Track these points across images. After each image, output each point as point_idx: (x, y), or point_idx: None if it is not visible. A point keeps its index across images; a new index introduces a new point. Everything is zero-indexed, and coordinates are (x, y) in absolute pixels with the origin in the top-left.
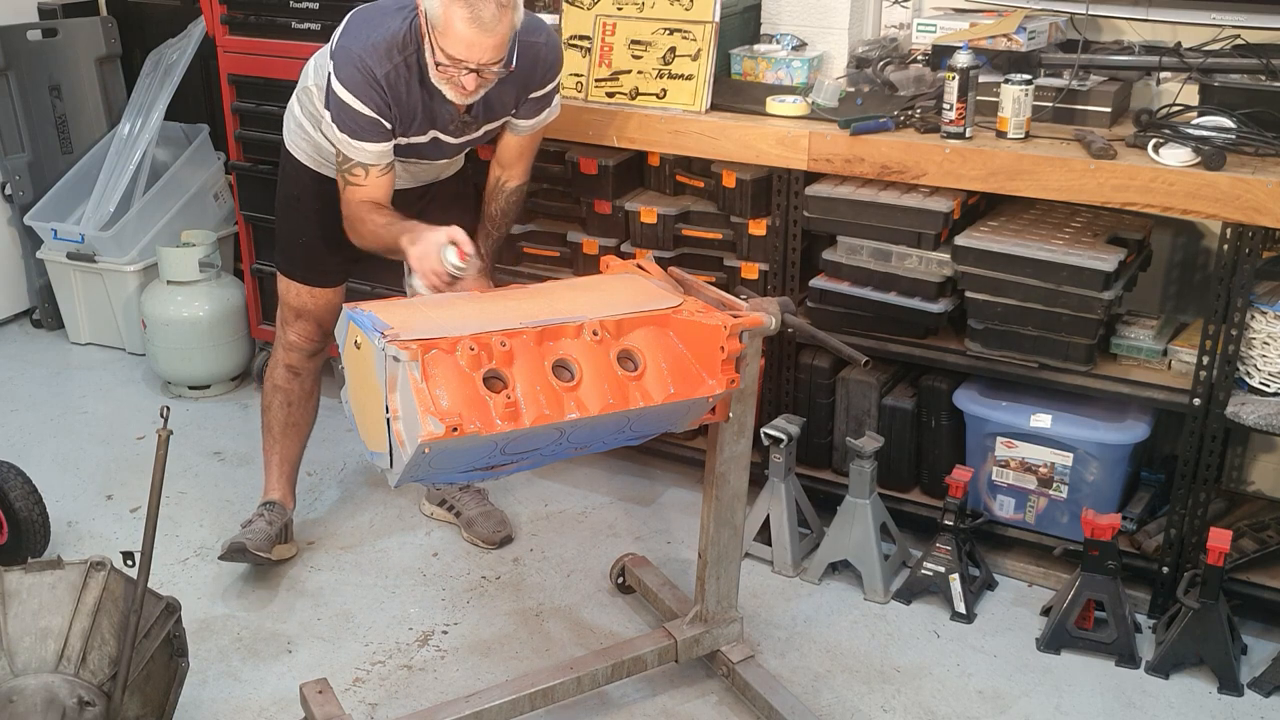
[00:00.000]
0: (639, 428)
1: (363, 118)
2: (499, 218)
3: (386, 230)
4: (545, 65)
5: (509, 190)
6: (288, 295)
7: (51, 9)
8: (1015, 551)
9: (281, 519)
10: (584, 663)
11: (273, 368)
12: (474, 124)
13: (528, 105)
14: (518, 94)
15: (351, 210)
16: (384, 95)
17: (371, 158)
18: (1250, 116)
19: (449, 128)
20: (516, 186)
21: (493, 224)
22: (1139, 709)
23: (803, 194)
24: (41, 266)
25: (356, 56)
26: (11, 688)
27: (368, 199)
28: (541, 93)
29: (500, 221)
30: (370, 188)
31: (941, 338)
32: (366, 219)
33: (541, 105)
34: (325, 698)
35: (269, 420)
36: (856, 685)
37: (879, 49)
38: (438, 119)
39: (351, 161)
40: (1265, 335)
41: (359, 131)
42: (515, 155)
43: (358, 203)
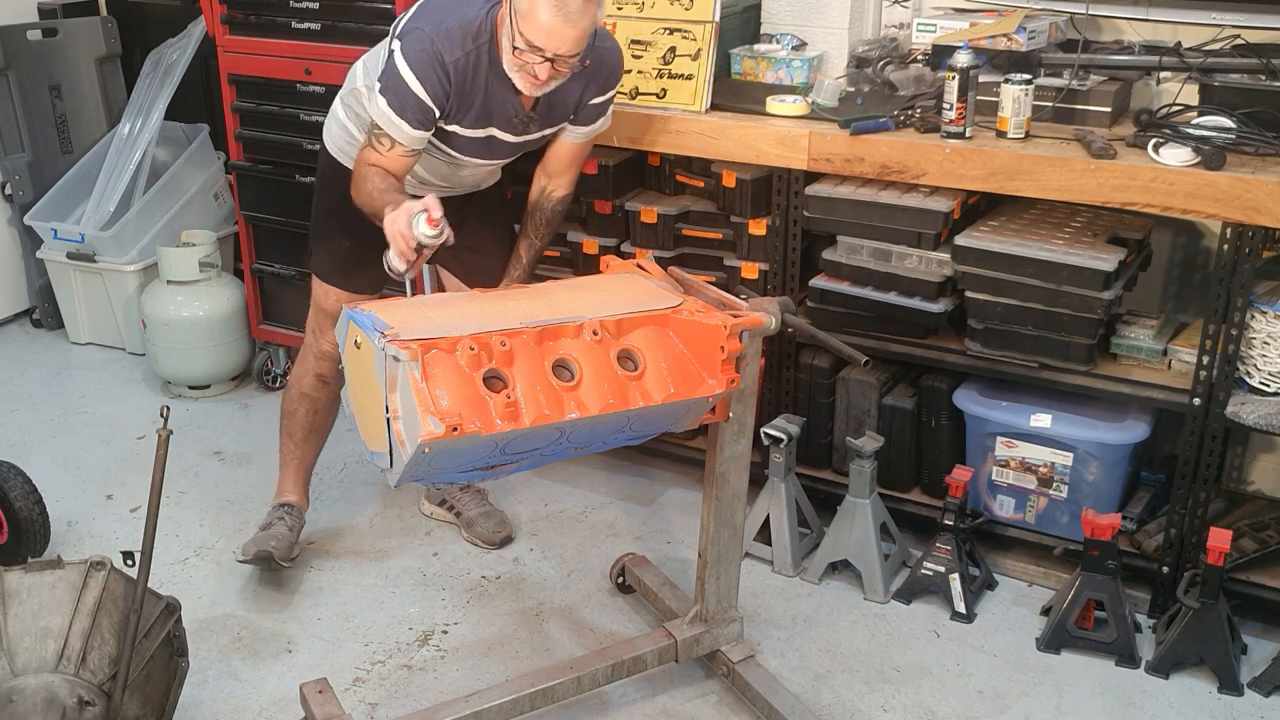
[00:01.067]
0: (639, 428)
1: (415, 99)
2: (543, 227)
3: (380, 196)
4: (608, 70)
5: (555, 200)
6: (325, 301)
7: (51, 9)
8: (1015, 551)
9: (299, 522)
10: (584, 663)
11: (301, 376)
12: (534, 124)
13: (586, 110)
14: (579, 97)
15: (362, 169)
16: (446, 83)
17: (404, 138)
18: (1250, 116)
19: (510, 125)
20: (563, 196)
21: (536, 233)
22: (1139, 709)
23: (803, 194)
24: (41, 266)
25: (429, 39)
26: (11, 687)
27: (379, 165)
28: (602, 99)
29: (544, 231)
30: (386, 160)
31: (941, 338)
32: (370, 179)
33: (599, 112)
34: (325, 698)
35: (291, 426)
36: (856, 685)
37: (879, 49)
38: (496, 115)
39: (383, 132)
40: (1265, 335)
41: (404, 110)
42: (565, 164)
43: (368, 164)
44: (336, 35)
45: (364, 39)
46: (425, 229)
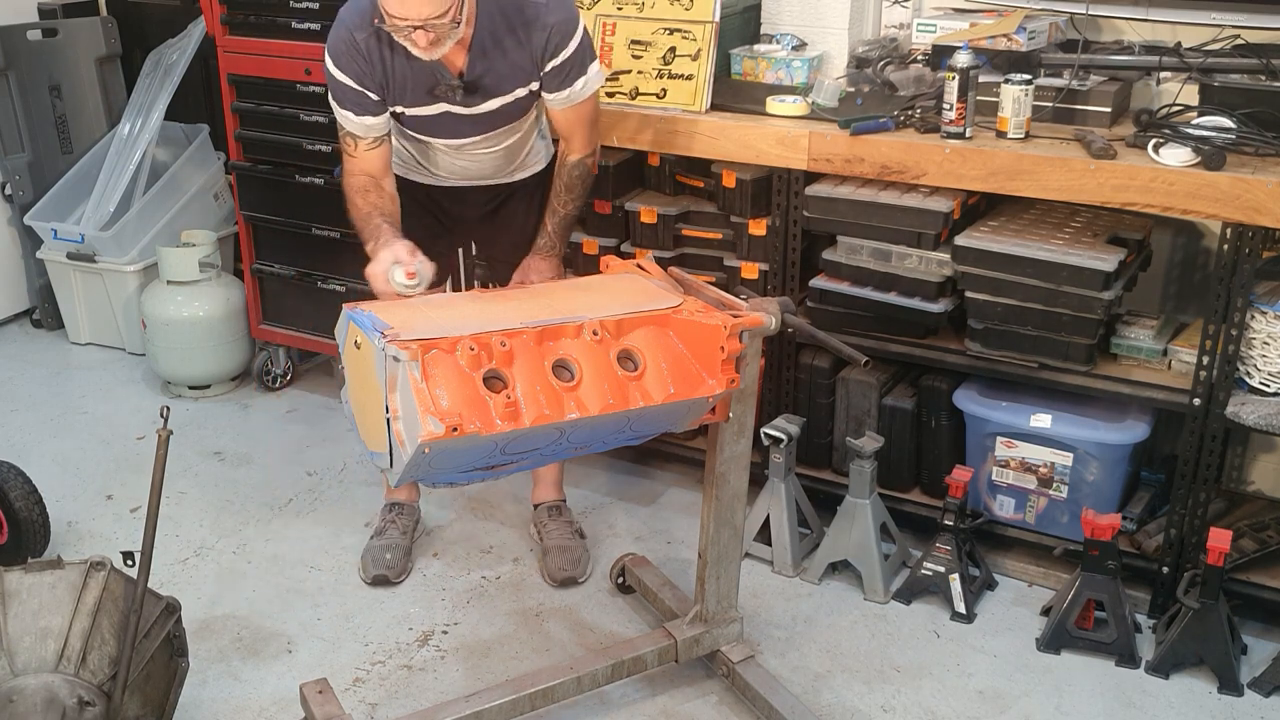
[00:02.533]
0: (639, 428)
1: (344, 86)
2: (563, 193)
3: (362, 224)
4: (547, 29)
5: (570, 164)
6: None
7: (51, 9)
8: (1015, 551)
9: (412, 519)
10: (584, 663)
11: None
12: (479, 94)
13: (551, 76)
14: (530, 61)
15: (347, 182)
16: (364, 62)
17: (357, 128)
18: (1250, 116)
19: (450, 97)
20: (577, 160)
21: (557, 199)
22: (1139, 709)
23: (803, 194)
24: (41, 266)
25: (343, 24)
26: (11, 688)
27: (361, 172)
28: (558, 61)
29: (564, 197)
30: (360, 159)
31: (941, 338)
32: (354, 199)
33: (569, 75)
34: (325, 698)
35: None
36: (856, 685)
37: (879, 49)
38: (435, 87)
39: (343, 130)
40: (1265, 335)
41: (342, 100)
42: (567, 128)
43: (353, 176)
44: None
45: None
46: (403, 280)
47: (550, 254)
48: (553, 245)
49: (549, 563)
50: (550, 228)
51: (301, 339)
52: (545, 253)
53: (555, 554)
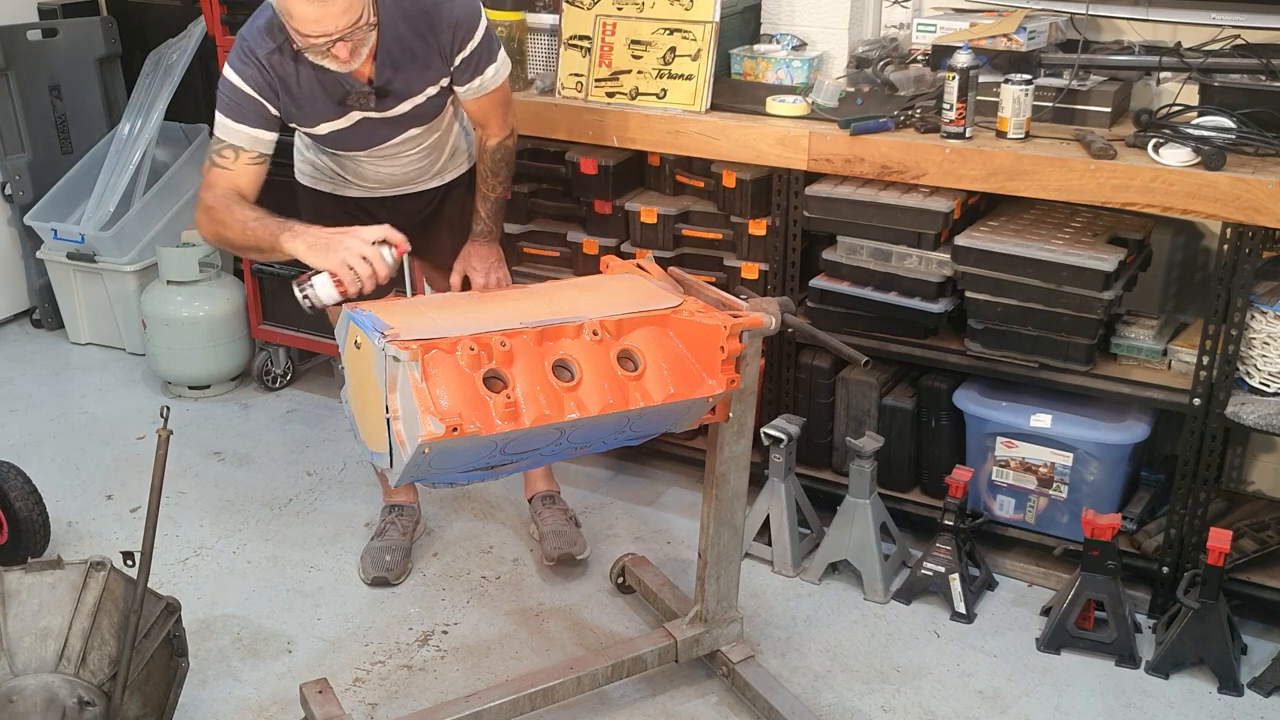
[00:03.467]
0: (639, 428)
1: (243, 95)
2: (489, 177)
3: (259, 225)
4: (452, 21)
5: (490, 149)
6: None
7: (51, 9)
8: (1015, 551)
9: (412, 520)
10: (584, 663)
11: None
12: (391, 98)
13: (461, 69)
14: (438, 60)
15: (215, 198)
16: (267, 75)
17: (245, 141)
18: (1250, 116)
19: (363, 104)
20: (497, 144)
21: (485, 184)
22: (1139, 709)
23: (803, 194)
24: (41, 266)
25: (243, 37)
26: (11, 688)
27: (230, 186)
28: (466, 53)
29: (492, 181)
30: (237, 173)
31: (941, 338)
32: (234, 209)
33: (478, 65)
34: (325, 698)
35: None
36: (856, 685)
37: (879, 49)
38: (347, 97)
39: (223, 143)
40: (1265, 335)
41: (236, 110)
42: (481, 115)
43: (222, 190)
44: None
45: None
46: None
47: (489, 239)
48: (489, 230)
49: (546, 546)
50: (484, 213)
51: (301, 339)
52: (483, 239)
53: (551, 537)
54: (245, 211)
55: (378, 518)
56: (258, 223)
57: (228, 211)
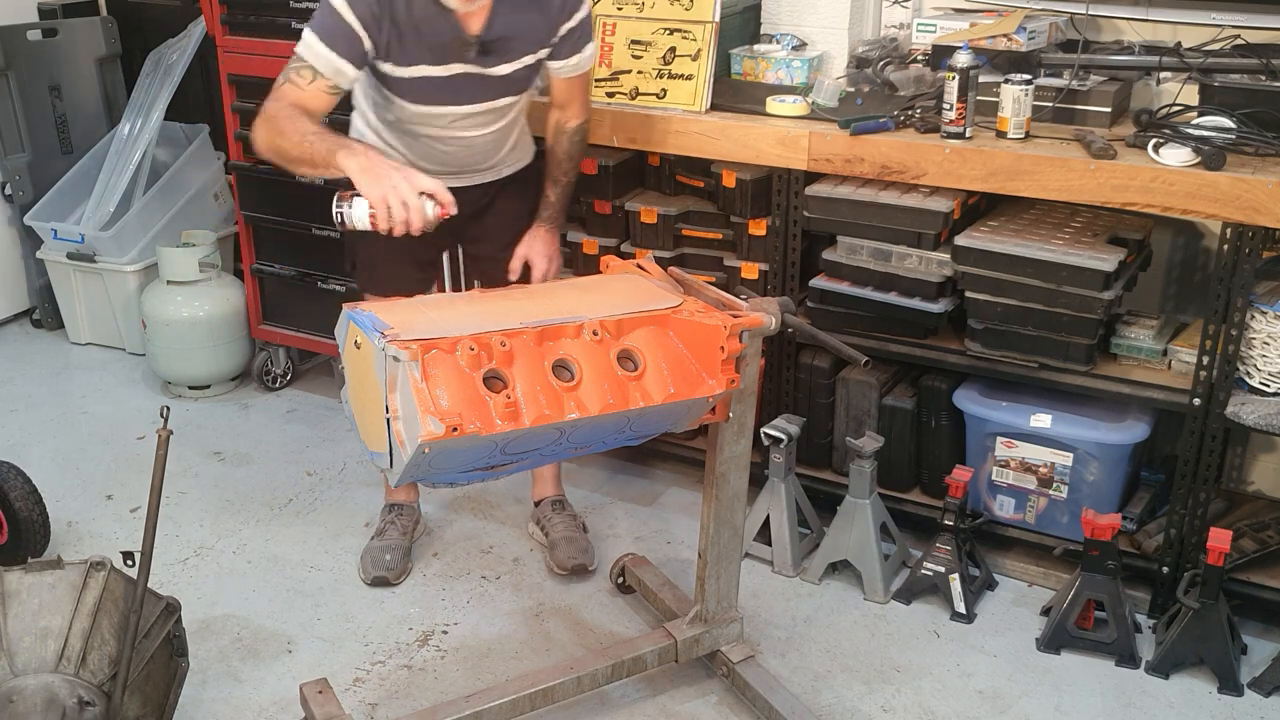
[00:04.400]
0: (639, 428)
1: (341, 21)
2: (564, 160)
3: (317, 139)
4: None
5: (570, 130)
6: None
7: (51, 9)
8: (1015, 551)
9: (412, 519)
10: (584, 663)
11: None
12: (494, 56)
13: (562, 42)
14: (545, 26)
15: (279, 109)
16: (378, 8)
17: (326, 68)
18: (1250, 116)
19: (464, 56)
20: (577, 125)
21: (558, 168)
22: (1139, 709)
23: (803, 194)
24: (41, 266)
25: None
26: (11, 688)
27: (296, 103)
28: (572, 23)
29: (567, 165)
30: (307, 95)
31: (941, 338)
32: (296, 121)
33: (580, 40)
34: (325, 698)
35: None
36: (856, 685)
37: (879, 49)
38: (444, 47)
39: (304, 63)
40: (1265, 335)
41: (328, 34)
42: (567, 95)
43: (288, 103)
44: None
45: None
46: (436, 216)
47: (554, 226)
48: (555, 216)
49: (557, 554)
50: (553, 198)
51: (301, 339)
52: (549, 223)
53: (563, 545)
54: (306, 125)
55: (377, 517)
56: (316, 136)
57: (289, 122)
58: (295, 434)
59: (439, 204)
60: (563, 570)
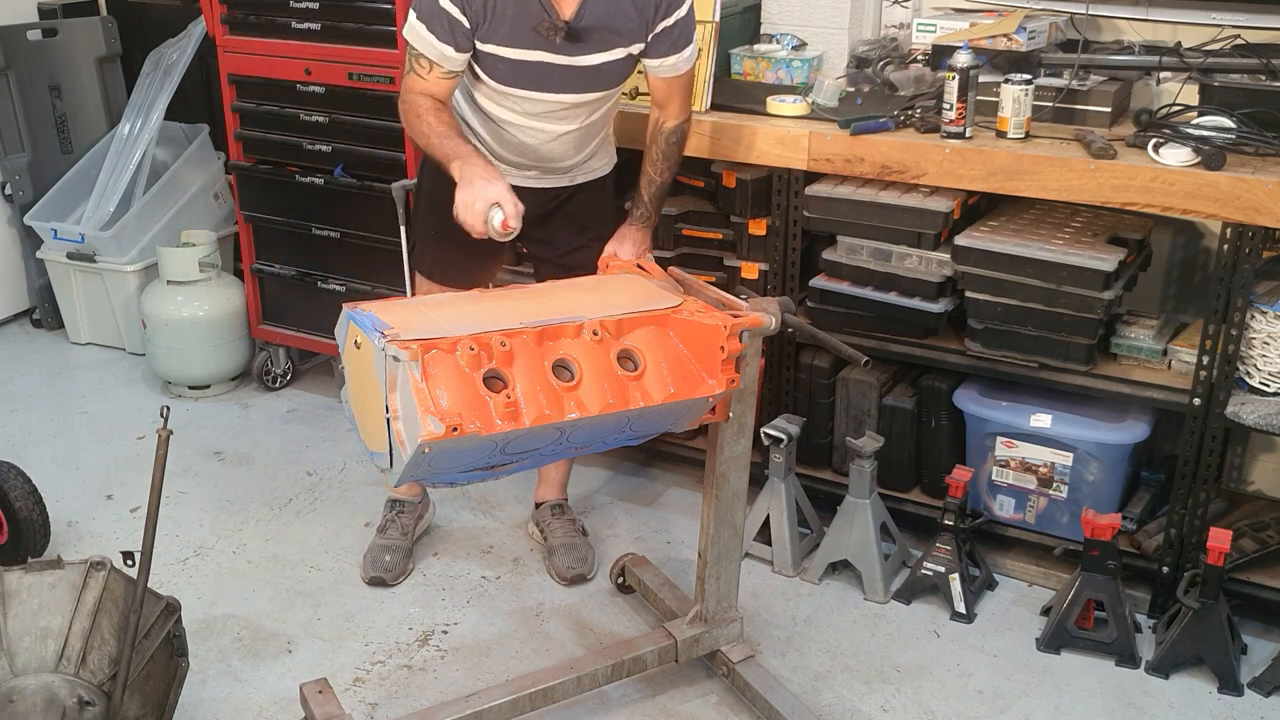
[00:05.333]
0: (639, 428)
1: (442, 10)
2: (660, 160)
3: (441, 142)
4: None
5: (668, 130)
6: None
7: (51, 9)
8: (1015, 551)
9: (413, 517)
10: (584, 663)
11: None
12: (582, 45)
13: (658, 40)
14: (640, 22)
15: (411, 99)
16: None
17: (434, 54)
18: (1250, 116)
19: (550, 42)
20: (675, 126)
21: (654, 168)
22: (1139, 709)
23: (803, 194)
24: (41, 266)
25: None
26: (11, 688)
27: (426, 93)
28: (669, 22)
29: (662, 165)
30: (429, 83)
31: (941, 338)
32: (425, 117)
33: (678, 41)
34: (325, 698)
35: None
36: (856, 685)
37: (879, 49)
38: (539, 25)
39: (419, 53)
40: (1265, 335)
41: (431, 20)
42: (665, 95)
43: (416, 95)
44: (336, 35)
45: (364, 39)
46: (499, 228)
47: (646, 224)
48: (648, 215)
49: (556, 561)
50: (647, 197)
51: (301, 339)
52: (641, 223)
53: (562, 552)
54: (435, 124)
55: (379, 515)
56: (440, 139)
57: (419, 119)
58: (295, 434)
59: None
60: (562, 580)
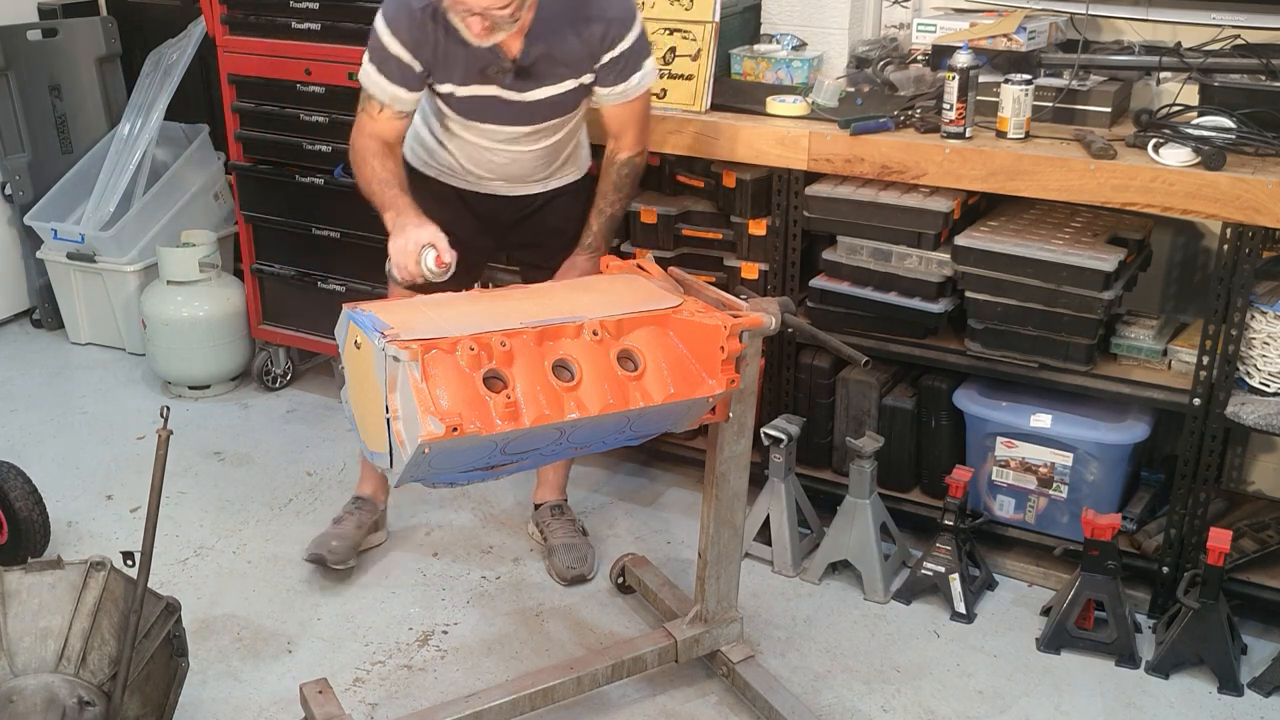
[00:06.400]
0: (639, 428)
1: (389, 54)
2: (611, 192)
3: (381, 189)
4: (607, 19)
5: (619, 162)
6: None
7: (51, 9)
8: (1015, 551)
9: (372, 515)
10: (584, 663)
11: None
12: (531, 81)
13: (605, 70)
14: (586, 53)
15: (360, 142)
16: (418, 31)
17: (385, 96)
18: (1250, 116)
19: (501, 80)
20: (626, 158)
21: (604, 199)
22: (1139, 709)
23: (803, 194)
24: (41, 266)
25: None
26: (11, 688)
27: (376, 135)
28: (615, 52)
29: (613, 196)
30: (379, 123)
31: (941, 338)
32: (370, 161)
33: (624, 70)
34: (325, 698)
35: None
36: (856, 685)
37: (879, 49)
38: (485, 69)
39: (370, 95)
40: (1265, 335)
41: (383, 64)
42: (618, 125)
43: (367, 136)
44: (336, 35)
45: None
46: (432, 267)
47: (595, 253)
48: (597, 246)
49: (556, 561)
50: (596, 227)
51: (301, 339)
52: (589, 252)
53: (562, 552)
54: (378, 169)
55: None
56: (379, 185)
57: (364, 162)
58: (295, 434)
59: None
60: (562, 581)
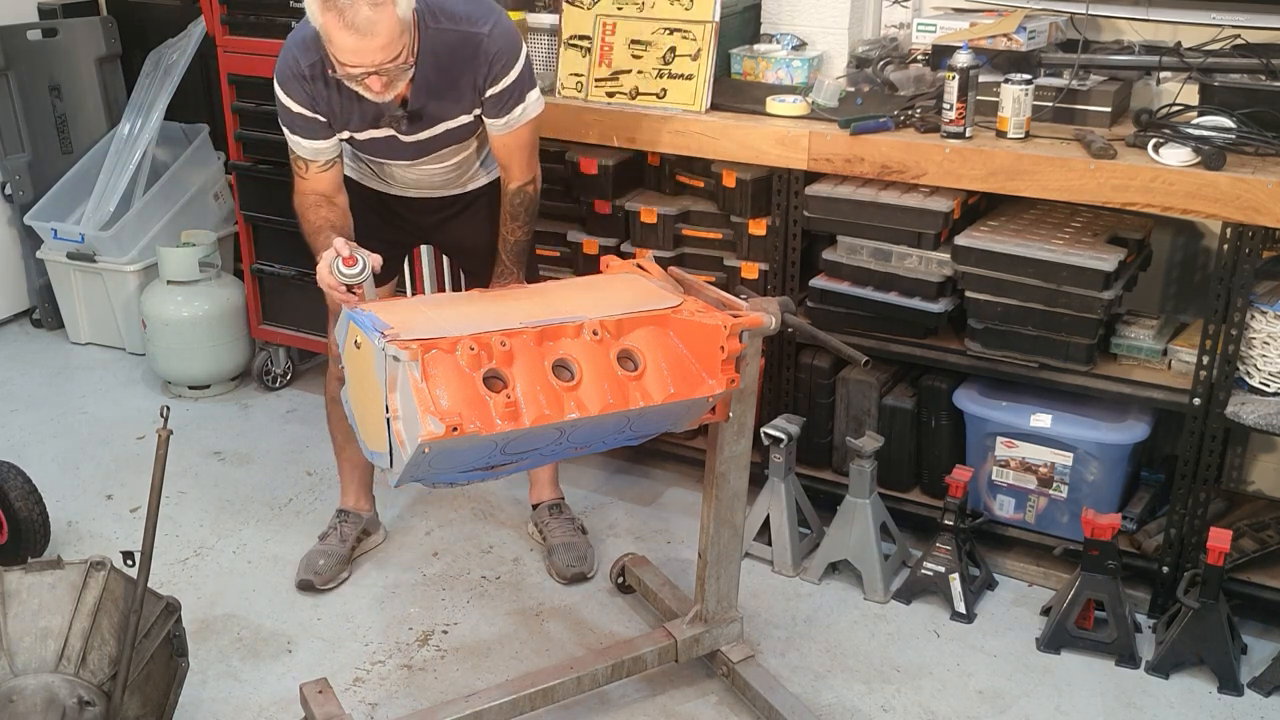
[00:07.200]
0: (639, 428)
1: (293, 113)
2: (509, 220)
3: (313, 237)
4: (489, 56)
5: (510, 192)
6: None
7: (51, 9)
8: (1015, 551)
9: (356, 528)
10: (584, 663)
11: (329, 380)
12: (421, 122)
13: (490, 103)
14: (471, 91)
15: (297, 200)
16: (309, 88)
17: (307, 153)
18: (1250, 116)
19: (395, 123)
20: (516, 188)
21: (505, 227)
22: (1139, 709)
23: (803, 194)
24: (41, 266)
25: (287, 50)
26: (11, 688)
27: (312, 191)
28: (499, 88)
29: (511, 225)
30: (311, 181)
31: (941, 338)
32: (307, 214)
33: (507, 103)
34: (325, 698)
35: (333, 430)
36: (856, 685)
37: (879, 49)
38: (381, 116)
39: (294, 154)
40: (1265, 335)
41: (292, 125)
42: (505, 155)
43: (304, 195)
44: None
45: None
46: (345, 270)
47: (509, 281)
48: (509, 272)
49: (556, 560)
50: (504, 255)
51: (301, 339)
52: (503, 279)
53: (562, 551)
54: (313, 219)
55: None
56: (314, 234)
57: (303, 218)
58: (295, 434)
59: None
60: (562, 579)
